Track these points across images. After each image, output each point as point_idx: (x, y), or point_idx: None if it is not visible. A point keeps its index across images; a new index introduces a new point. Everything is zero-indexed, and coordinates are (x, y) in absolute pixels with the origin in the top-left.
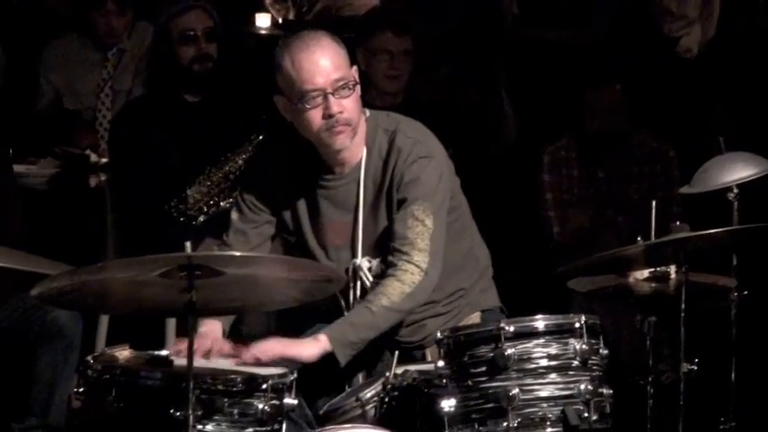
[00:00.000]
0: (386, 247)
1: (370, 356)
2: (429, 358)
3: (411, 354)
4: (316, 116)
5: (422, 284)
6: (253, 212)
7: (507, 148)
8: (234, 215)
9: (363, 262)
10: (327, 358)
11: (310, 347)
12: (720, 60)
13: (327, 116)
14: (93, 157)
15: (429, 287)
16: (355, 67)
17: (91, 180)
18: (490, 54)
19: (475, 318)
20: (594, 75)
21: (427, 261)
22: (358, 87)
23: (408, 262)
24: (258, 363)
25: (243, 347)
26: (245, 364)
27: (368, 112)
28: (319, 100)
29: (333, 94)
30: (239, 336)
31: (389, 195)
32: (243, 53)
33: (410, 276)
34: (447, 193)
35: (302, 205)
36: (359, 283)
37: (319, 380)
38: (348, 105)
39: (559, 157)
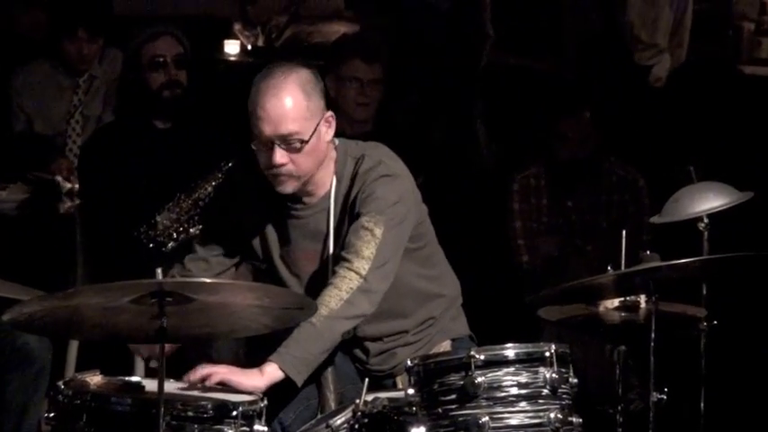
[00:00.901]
0: None
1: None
2: (400, 386)
3: (381, 382)
4: (261, 159)
5: (360, 289)
6: (216, 241)
7: (483, 174)
8: (196, 243)
9: None
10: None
11: (255, 379)
12: (689, 89)
13: (270, 165)
14: (64, 183)
15: (369, 292)
16: (330, 114)
17: (60, 206)
18: (465, 80)
19: (445, 346)
20: (564, 103)
21: (367, 268)
22: (318, 140)
23: (348, 269)
24: (202, 386)
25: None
26: (191, 385)
27: (337, 141)
28: (266, 146)
29: (279, 145)
30: (210, 361)
31: (353, 218)
32: (212, 80)
33: (347, 282)
34: (409, 214)
35: (272, 233)
36: None
37: (291, 404)
38: (296, 159)
39: (529, 186)
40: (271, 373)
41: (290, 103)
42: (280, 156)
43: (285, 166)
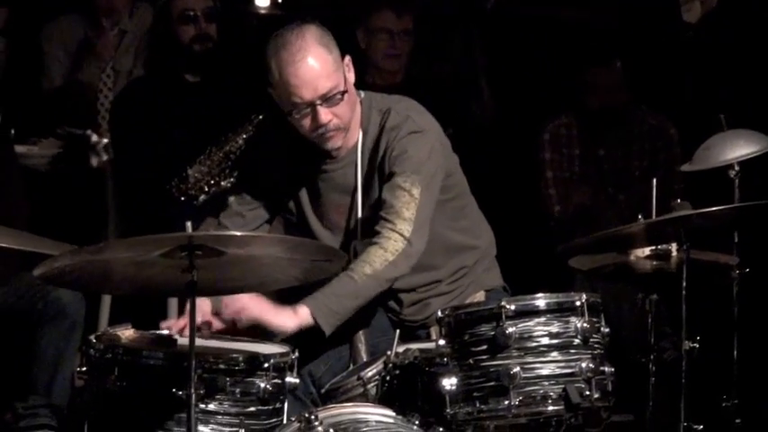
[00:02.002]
0: None
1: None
2: (433, 337)
3: (415, 333)
4: (306, 123)
5: (405, 253)
6: (251, 195)
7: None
8: (232, 197)
9: (364, 243)
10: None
11: (288, 319)
12: (719, 35)
13: (317, 125)
14: (95, 138)
15: (412, 256)
16: (348, 59)
17: (92, 160)
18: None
19: (479, 297)
20: (595, 52)
21: (411, 230)
22: (350, 87)
23: (392, 230)
24: (233, 324)
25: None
26: (223, 321)
27: (362, 94)
28: (308, 111)
29: (321, 105)
30: None
31: (382, 172)
32: (243, 33)
33: (393, 244)
34: (439, 168)
35: (302, 188)
36: None
37: (323, 356)
38: (339, 111)
39: (560, 136)
40: (303, 317)
41: (319, 61)
42: (324, 114)
43: (332, 122)
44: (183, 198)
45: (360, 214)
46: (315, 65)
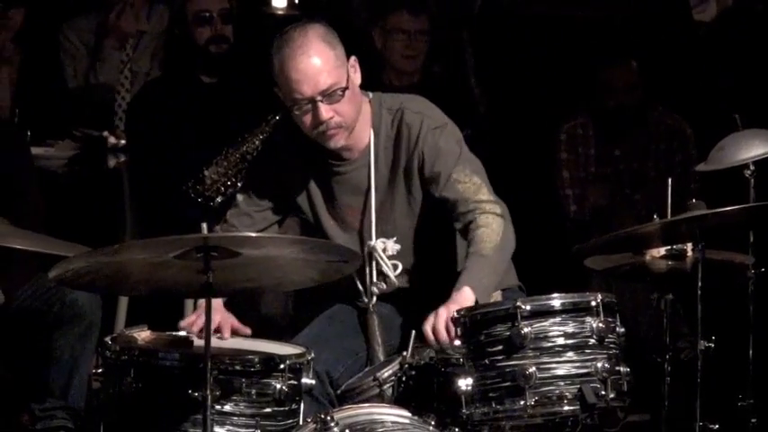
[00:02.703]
0: (401, 228)
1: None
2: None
3: None
4: (307, 120)
5: (505, 223)
6: (261, 196)
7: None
8: (240, 197)
9: (378, 243)
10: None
11: (467, 299)
12: (734, 34)
13: (318, 122)
14: (112, 139)
15: (510, 225)
16: (354, 59)
17: (109, 162)
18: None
19: (496, 296)
20: (611, 52)
21: (496, 206)
22: (353, 86)
23: (482, 213)
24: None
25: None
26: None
27: (371, 95)
28: (309, 107)
29: (322, 101)
30: (258, 316)
31: (407, 175)
32: (259, 34)
33: (492, 220)
34: (472, 154)
35: (316, 190)
36: (374, 265)
37: (339, 357)
38: (340, 109)
39: (576, 135)
40: (468, 295)
41: (321, 57)
42: (325, 111)
43: (333, 119)
44: (199, 199)
45: (374, 215)
46: (316, 60)
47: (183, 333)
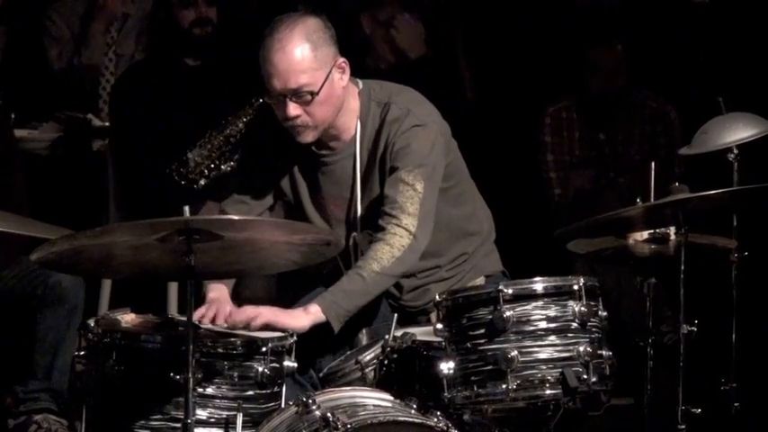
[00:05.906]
0: None
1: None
2: (433, 321)
3: (415, 318)
4: (277, 111)
5: (411, 248)
6: (253, 182)
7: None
8: (234, 185)
9: (364, 235)
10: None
11: (300, 318)
12: (718, 19)
13: (285, 118)
14: (96, 122)
15: (418, 251)
16: (343, 61)
17: (93, 144)
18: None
19: (479, 282)
20: (596, 35)
21: (416, 225)
22: (331, 89)
23: (398, 225)
24: (247, 328)
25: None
26: (235, 327)
27: (360, 84)
28: (278, 99)
29: (291, 99)
30: (241, 299)
31: (383, 166)
32: (243, 16)
33: (399, 240)
34: (440, 161)
35: (301, 179)
36: (359, 253)
37: (322, 341)
38: (310, 110)
39: (561, 119)
40: (315, 314)
41: (297, 55)
42: (293, 108)
43: (300, 118)
44: (182, 182)
45: (359, 207)
46: (290, 58)
47: (168, 316)
